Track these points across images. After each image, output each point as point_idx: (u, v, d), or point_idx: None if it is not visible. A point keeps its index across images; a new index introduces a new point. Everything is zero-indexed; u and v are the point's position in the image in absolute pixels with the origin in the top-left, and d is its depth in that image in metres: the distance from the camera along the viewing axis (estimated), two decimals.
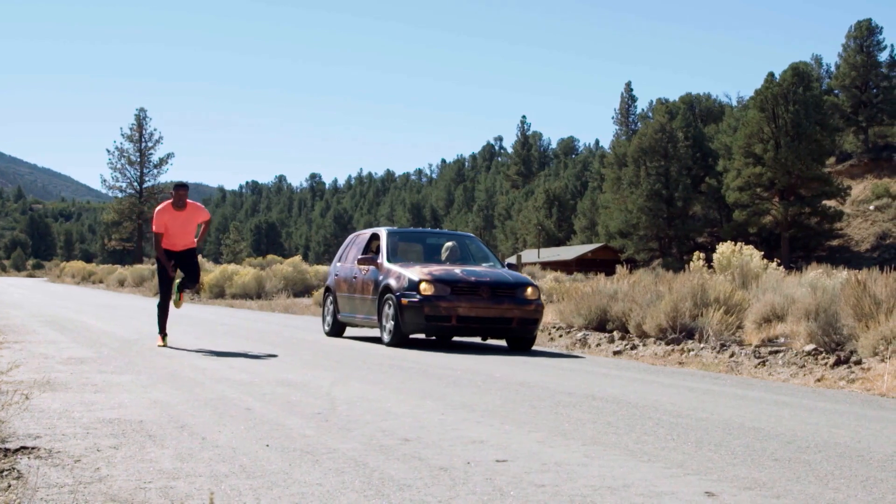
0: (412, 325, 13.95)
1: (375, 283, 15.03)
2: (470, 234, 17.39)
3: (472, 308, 13.83)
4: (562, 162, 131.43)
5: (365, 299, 15.41)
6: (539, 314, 14.35)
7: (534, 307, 14.20)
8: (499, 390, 8.71)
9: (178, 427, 5.96)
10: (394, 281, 14.39)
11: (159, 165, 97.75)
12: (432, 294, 13.81)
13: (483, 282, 14.07)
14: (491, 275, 14.42)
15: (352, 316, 16.03)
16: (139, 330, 16.01)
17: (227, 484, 4.42)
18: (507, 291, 14.14)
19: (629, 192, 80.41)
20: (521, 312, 14.03)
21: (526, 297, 14.20)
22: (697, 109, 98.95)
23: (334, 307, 16.70)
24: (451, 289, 13.90)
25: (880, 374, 10.46)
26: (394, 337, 14.20)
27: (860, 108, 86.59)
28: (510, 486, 4.52)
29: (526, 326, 14.19)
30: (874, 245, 71.98)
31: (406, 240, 16.59)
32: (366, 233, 17.22)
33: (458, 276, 14.15)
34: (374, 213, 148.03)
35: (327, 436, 5.78)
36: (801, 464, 5.38)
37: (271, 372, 9.69)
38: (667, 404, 8.03)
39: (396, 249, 15.70)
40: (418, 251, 16.23)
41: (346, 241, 17.89)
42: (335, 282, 16.92)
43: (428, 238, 16.92)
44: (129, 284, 52.49)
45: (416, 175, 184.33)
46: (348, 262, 16.79)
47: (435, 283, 13.89)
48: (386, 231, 16.26)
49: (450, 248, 15.73)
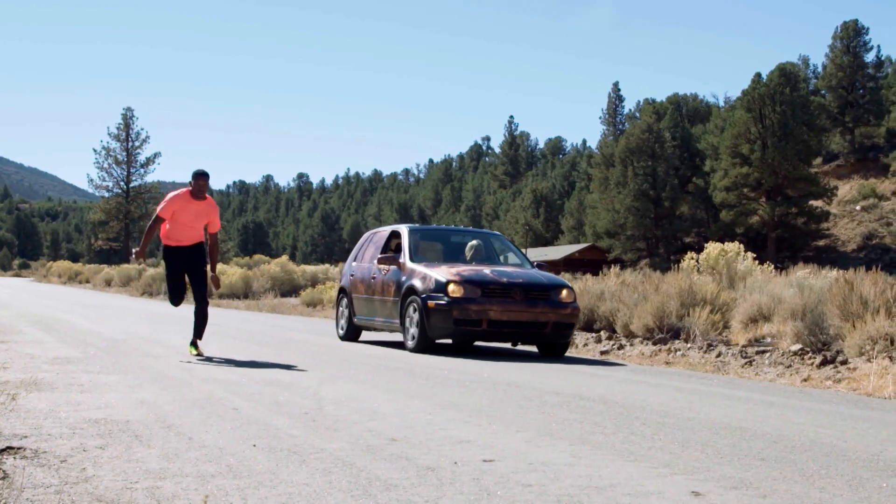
0: (439, 329, 13.03)
1: (397, 284, 14.06)
2: (495, 232, 16.45)
3: (505, 311, 12.89)
4: (549, 162, 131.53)
5: (385, 301, 14.43)
6: (575, 318, 13.48)
7: (570, 311, 13.27)
8: (486, 390, 8.71)
9: (165, 427, 5.95)
10: (418, 282, 13.47)
11: (146, 165, 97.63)
12: (461, 296, 12.88)
13: (515, 283, 13.14)
14: (523, 275, 13.49)
15: (370, 319, 15.04)
16: (126, 330, 15.98)
17: (213, 484, 4.41)
18: (542, 293, 13.23)
19: (616, 192, 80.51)
20: (556, 316, 13.10)
21: (561, 299, 13.27)
22: (684, 110, 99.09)
23: (349, 310, 15.71)
24: (482, 290, 12.96)
25: (866, 374, 10.49)
26: (419, 342, 13.26)
27: (847, 109, 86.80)
28: (497, 485, 4.52)
29: (561, 331, 13.27)
30: (860, 245, 72.17)
31: (428, 238, 15.42)
32: (384, 230, 16.20)
33: (488, 276, 13.21)
34: (362, 212, 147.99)
35: (314, 436, 5.77)
36: (787, 463, 5.40)
37: (259, 372, 9.67)
38: (654, 404, 8.04)
39: (418, 248, 14.63)
40: (440, 250, 15.07)
41: (363, 240, 16.89)
42: (351, 282, 15.90)
43: (452, 236, 15.85)
44: (116, 284, 52.38)
45: (404, 175, 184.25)
46: (365, 261, 15.80)
47: (464, 285, 12.96)
48: (407, 228, 15.19)
49: (474, 246, 14.76)
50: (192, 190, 11.60)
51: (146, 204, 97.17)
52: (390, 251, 15.29)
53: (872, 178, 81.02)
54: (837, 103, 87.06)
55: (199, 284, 11.73)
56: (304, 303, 30.15)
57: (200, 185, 11.60)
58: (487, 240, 15.47)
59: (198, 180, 11.59)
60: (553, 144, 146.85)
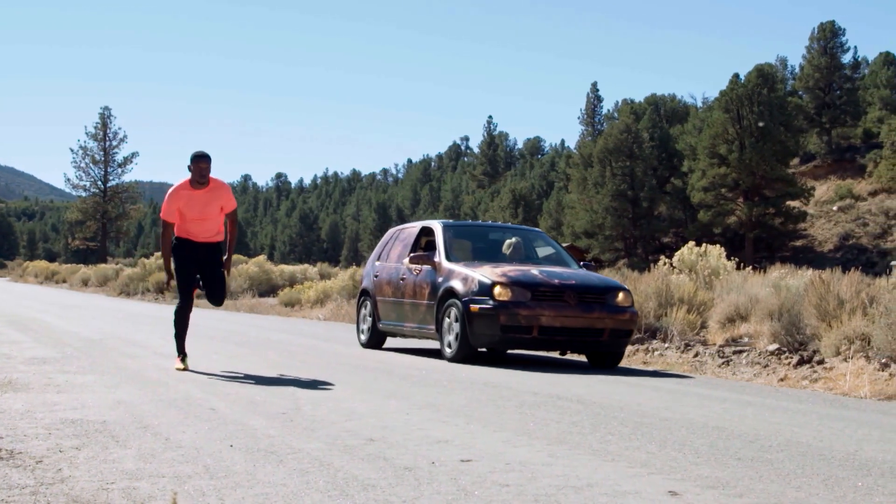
0: (483, 336, 11.76)
1: (433, 286, 12.76)
2: (536, 229, 15.22)
3: (558, 317, 11.64)
4: (528, 162, 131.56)
5: (418, 305, 13.07)
6: (634, 324, 12.32)
7: (628, 316, 12.08)
8: (463, 390, 8.71)
9: (142, 427, 5.93)
10: (459, 283, 12.18)
11: (124, 165, 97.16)
12: (509, 300, 11.62)
13: (568, 285, 11.90)
14: (576, 276, 12.31)
15: (398, 325, 13.66)
16: (103, 330, 15.93)
17: (190, 484, 4.40)
18: (597, 297, 12.01)
19: (595, 192, 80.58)
20: (613, 322, 11.89)
21: (618, 303, 12.07)
22: (663, 110, 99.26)
23: (374, 314, 14.27)
24: (532, 293, 11.72)
25: (842, 374, 10.54)
26: (459, 351, 11.98)
27: (824, 110, 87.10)
28: (475, 485, 4.52)
29: (618, 339, 12.09)
30: (837, 245, 72.43)
31: (463, 234, 13.99)
32: (412, 227, 14.78)
33: (538, 278, 11.99)
34: (340, 212, 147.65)
35: (292, 436, 5.76)
36: (763, 463, 5.42)
37: (236, 372, 9.65)
38: (631, 404, 8.06)
39: (452, 246, 13.27)
40: (476, 248, 13.63)
41: (387, 237, 15.32)
42: (375, 284, 14.41)
43: (490, 233, 14.55)
44: (93, 284, 52.15)
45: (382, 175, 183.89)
46: (392, 260, 14.33)
47: (512, 287, 11.71)
48: (441, 224, 13.82)
49: (513, 244, 13.52)
50: (193, 177, 9.83)
51: (123, 203, 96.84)
52: (420, 249, 13.97)
53: (849, 179, 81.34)
54: (814, 104, 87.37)
55: (215, 286, 10.32)
56: (281, 303, 30.08)
57: (201, 170, 9.80)
58: (527, 236, 14.25)
59: (197, 164, 9.79)
60: (532, 144, 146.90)
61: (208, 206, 9.92)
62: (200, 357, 11.14)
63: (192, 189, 9.86)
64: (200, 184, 9.81)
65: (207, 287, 10.34)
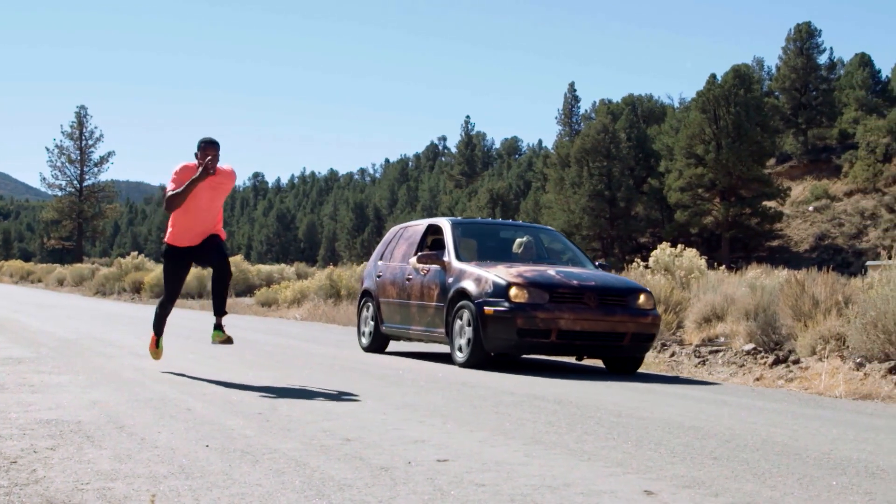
0: (498, 341, 11.15)
1: (442, 287, 12.12)
2: (548, 227, 14.53)
3: (578, 320, 11.04)
4: (505, 162, 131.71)
5: (425, 307, 12.45)
6: (656, 328, 11.72)
7: (650, 319, 11.47)
8: (440, 390, 8.72)
9: (117, 427, 5.91)
10: (471, 284, 11.53)
11: (100, 164, 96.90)
12: (526, 302, 11.01)
13: (588, 286, 11.32)
14: (595, 277, 11.75)
15: (404, 328, 13.03)
16: (78, 329, 15.86)
17: (165, 485, 4.39)
18: (618, 299, 11.44)
19: (572, 192, 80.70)
20: (635, 326, 11.29)
21: (639, 306, 11.48)
22: (640, 110, 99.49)
23: (376, 316, 13.60)
24: (550, 295, 11.11)
25: (818, 374, 10.59)
26: (472, 356, 11.32)
27: (800, 110, 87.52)
28: (451, 485, 4.52)
29: (640, 344, 11.50)
30: (813, 245, 72.76)
31: (472, 233, 13.39)
32: (417, 224, 14.11)
33: (555, 278, 11.40)
34: (318, 212, 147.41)
35: (268, 436, 5.75)
36: (739, 462, 5.43)
37: (212, 372, 9.63)
38: (608, 404, 8.08)
39: (460, 245, 12.66)
40: (484, 247, 13.03)
41: (390, 236, 14.61)
42: (378, 285, 13.72)
43: (500, 231, 13.93)
44: (69, 284, 51.92)
45: (360, 174, 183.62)
46: (396, 260, 13.66)
47: (529, 288, 11.10)
48: (449, 222, 13.09)
49: (524, 243, 12.88)
50: (201, 163, 9.05)
51: (99, 203, 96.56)
52: (426, 248, 13.35)
53: (825, 179, 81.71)
54: (791, 105, 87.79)
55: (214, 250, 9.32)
56: (258, 302, 30.02)
57: (212, 157, 9.04)
58: (538, 235, 13.63)
59: (206, 150, 9.03)
60: (509, 144, 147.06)
61: (216, 196, 9.26)
62: (176, 357, 11.10)
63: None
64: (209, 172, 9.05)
65: (207, 255, 9.35)
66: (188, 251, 9.42)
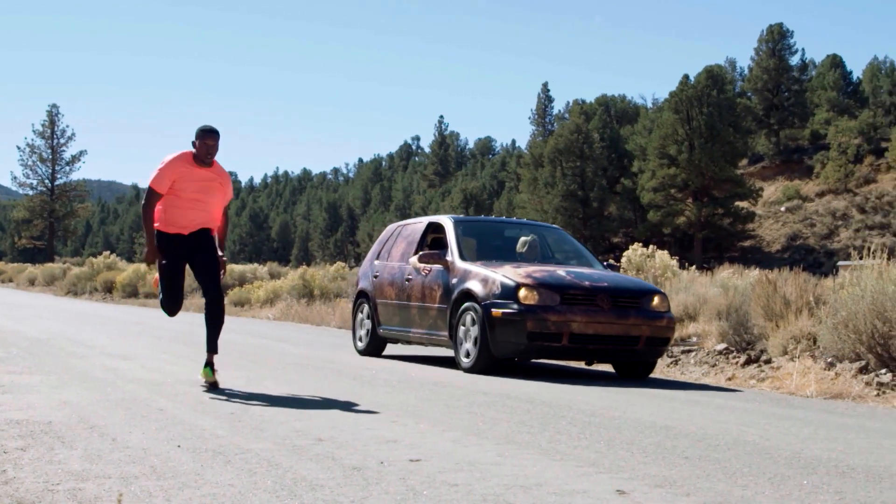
0: (507, 345, 10.59)
1: (445, 288, 11.57)
2: (553, 226, 14.00)
3: (590, 323, 10.53)
4: (479, 162, 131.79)
5: (427, 309, 11.89)
6: (672, 332, 11.30)
7: (665, 322, 11.00)
8: (413, 390, 8.71)
9: (88, 428, 5.88)
10: (477, 285, 10.98)
11: (71, 163, 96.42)
12: (536, 303, 10.48)
13: (600, 287, 10.82)
14: (607, 278, 11.25)
15: (403, 331, 12.50)
16: (49, 329, 15.77)
17: (137, 485, 4.37)
18: (631, 301, 10.93)
19: (545, 192, 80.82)
20: (650, 329, 10.80)
21: (654, 308, 10.99)
22: (613, 111, 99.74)
23: (373, 318, 13.07)
24: (561, 297, 10.59)
25: (789, 373, 10.64)
26: (478, 360, 10.77)
27: (772, 111, 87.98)
28: (423, 485, 4.52)
29: (654, 348, 11.02)
30: (785, 246, 73.10)
31: (475, 231, 12.78)
32: (416, 222, 13.56)
33: (566, 279, 10.89)
34: (291, 211, 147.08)
35: (240, 436, 5.73)
36: (710, 461, 5.45)
37: (184, 372, 9.60)
38: (580, 403, 8.09)
39: (463, 244, 12.09)
40: (488, 246, 12.50)
41: (387, 234, 14.00)
42: (375, 285, 13.17)
43: (505, 229, 13.37)
44: (40, 283, 51.65)
45: (333, 174, 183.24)
46: (394, 259, 13.10)
47: (539, 289, 10.57)
48: (452, 220, 12.58)
49: (528, 242, 12.39)
50: (198, 153, 8.44)
51: (71, 202, 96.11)
52: (426, 247, 12.81)
53: (797, 180, 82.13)
54: (763, 105, 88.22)
55: (208, 273, 8.75)
56: (231, 302, 29.92)
57: (209, 147, 8.43)
58: (543, 234, 13.18)
59: (205, 139, 8.40)
60: (483, 144, 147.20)
61: (209, 189, 8.54)
62: (149, 357, 11.07)
63: (194, 165, 8.44)
64: (204, 163, 8.46)
65: (199, 275, 8.74)
66: (179, 242, 8.54)
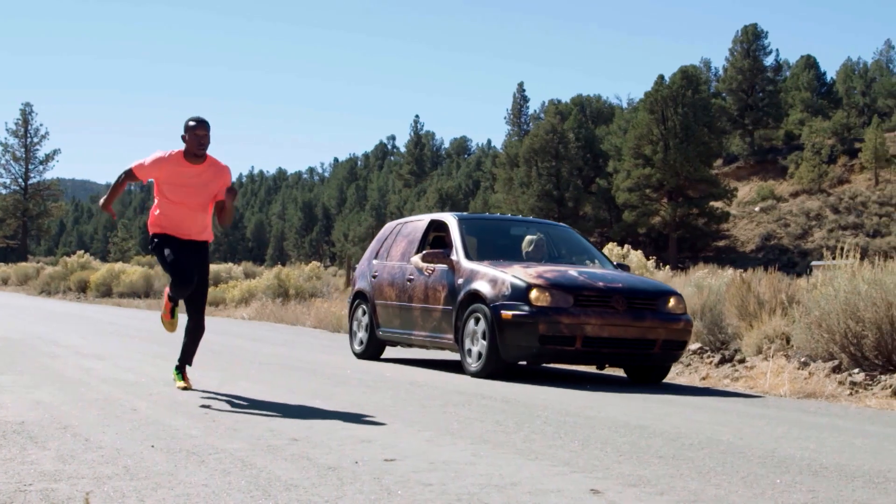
0: (517, 349, 10.09)
1: (450, 289, 11.03)
2: (561, 224, 13.49)
3: (605, 326, 10.02)
4: (454, 161, 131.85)
5: (430, 310, 11.35)
6: (689, 335, 10.80)
7: (682, 325, 10.52)
8: (388, 389, 8.71)
9: (61, 428, 5.85)
10: (485, 286, 10.44)
11: (45, 162, 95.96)
12: (549, 305, 9.96)
13: (615, 289, 10.31)
14: (621, 279, 10.73)
15: (404, 333, 11.93)
16: (22, 329, 15.69)
17: (110, 485, 4.34)
18: (647, 303, 10.44)
19: (521, 192, 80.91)
20: (666, 332, 10.31)
21: (670, 310, 10.49)
22: (588, 111, 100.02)
23: (371, 320, 12.49)
24: (575, 298, 10.07)
25: (763, 373, 10.69)
26: (487, 364, 10.25)
27: (746, 112, 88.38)
28: (398, 485, 4.52)
29: (671, 352, 10.56)
30: (759, 246, 73.42)
31: (479, 230, 12.25)
32: (416, 220, 12.97)
33: (579, 280, 10.36)
34: (266, 211, 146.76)
35: (214, 436, 5.71)
36: (684, 460, 5.47)
37: (159, 372, 9.56)
38: (555, 403, 8.10)
39: (469, 243, 11.55)
40: (493, 245, 11.91)
41: (385, 233, 13.38)
42: (374, 286, 12.58)
43: (511, 227, 12.76)
44: (13, 283, 51.40)
45: (309, 174, 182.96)
46: (394, 259, 12.51)
47: (551, 290, 10.05)
48: (456, 218, 12.02)
49: (534, 241, 11.78)
50: (189, 147, 7.75)
51: (45, 201, 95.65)
52: (427, 246, 12.24)
53: (771, 180, 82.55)
54: (737, 106, 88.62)
55: (196, 292, 8.30)
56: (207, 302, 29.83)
57: (200, 138, 7.73)
58: (551, 232, 12.63)
59: (195, 131, 7.71)
60: (458, 144, 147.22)
61: (202, 188, 7.84)
62: (123, 356, 11.02)
63: (185, 163, 7.77)
64: (198, 157, 7.77)
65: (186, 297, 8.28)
66: (175, 241, 7.95)
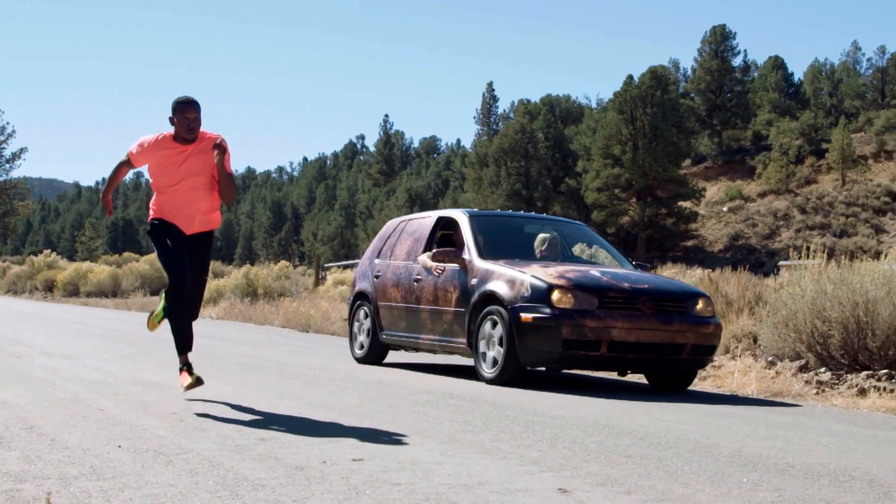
0: (538, 354, 9.43)
1: (462, 290, 10.34)
2: (576, 222, 13.09)
3: (632, 330, 9.36)
4: (424, 161, 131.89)
5: (440, 313, 10.67)
6: (718, 339, 10.07)
7: (712, 329, 9.83)
8: (357, 389, 8.70)
9: (27, 428, 5.81)
10: (502, 286, 9.74)
11: (12, 160, 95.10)
12: (572, 307, 9.29)
13: (641, 290, 9.66)
14: (647, 280, 10.10)
15: (411, 337, 11.24)
16: None
17: (76, 486, 4.32)
18: (676, 305, 9.76)
19: (490, 191, 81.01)
20: (695, 337, 9.63)
21: (698, 312, 9.81)
22: (557, 111, 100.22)
23: (374, 323, 11.82)
24: (599, 300, 9.40)
25: (730, 372, 10.74)
26: (504, 370, 9.57)
27: (714, 112, 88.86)
28: (366, 484, 4.51)
29: (699, 357, 9.87)
30: (727, 245, 73.79)
31: (490, 227, 11.52)
32: (423, 217, 12.27)
33: (602, 280, 9.69)
34: (235, 210, 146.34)
35: (181, 436, 5.69)
36: (652, 460, 5.48)
37: (126, 371, 9.52)
38: (523, 402, 8.11)
39: (481, 241, 10.82)
40: (504, 243, 11.17)
41: (388, 230, 12.64)
42: (378, 286, 11.88)
43: (525, 225, 12.11)
44: None
45: (277, 173, 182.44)
46: (399, 258, 11.80)
47: (575, 292, 9.37)
48: (466, 214, 11.35)
49: (548, 240, 11.13)
50: (177, 131, 7.36)
51: (11, 200, 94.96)
52: (434, 245, 11.49)
53: (739, 180, 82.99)
54: (706, 106, 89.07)
55: (201, 267, 7.82)
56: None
57: (189, 121, 7.32)
58: (565, 230, 12.13)
59: (184, 113, 7.30)
60: (428, 143, 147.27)
61: (198, 172, 7.45)
62: (89, 356, 10.96)
63: (176, 146, 7.41)
64: (186, 139, 7.38)
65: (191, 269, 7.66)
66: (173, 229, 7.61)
